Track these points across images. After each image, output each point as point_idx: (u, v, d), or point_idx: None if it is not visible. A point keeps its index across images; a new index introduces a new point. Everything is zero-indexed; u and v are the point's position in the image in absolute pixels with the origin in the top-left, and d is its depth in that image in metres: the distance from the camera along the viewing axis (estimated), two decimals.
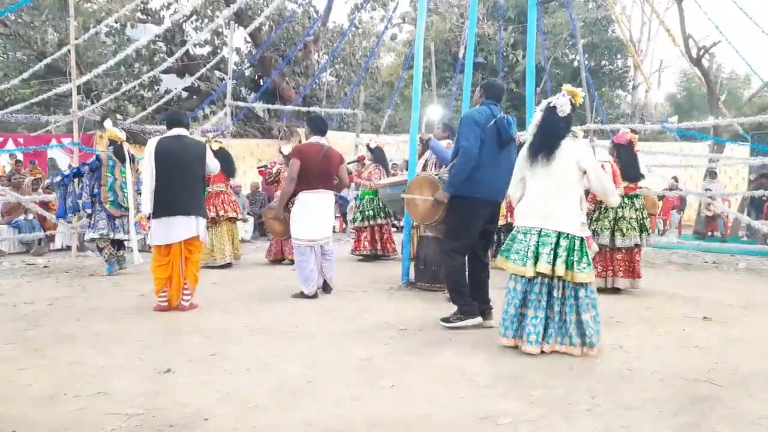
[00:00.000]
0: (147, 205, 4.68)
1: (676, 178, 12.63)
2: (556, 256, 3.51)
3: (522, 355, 3.57)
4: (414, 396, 2.91)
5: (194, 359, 3.47)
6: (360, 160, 8.64)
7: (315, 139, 5.29)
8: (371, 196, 8.03)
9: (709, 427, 2.57)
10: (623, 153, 5.81)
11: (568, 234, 3.54)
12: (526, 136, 6.35)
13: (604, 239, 5.70)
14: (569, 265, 3.52)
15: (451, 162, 4.28)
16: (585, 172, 3.59)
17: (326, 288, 5.57)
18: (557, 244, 3.52)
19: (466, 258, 4.31)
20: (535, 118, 3.71)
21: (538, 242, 3.54)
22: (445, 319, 4.30)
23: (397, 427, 2.55)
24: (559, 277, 3.54)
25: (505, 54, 17.25)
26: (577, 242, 3.56)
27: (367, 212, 8.03)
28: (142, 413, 2.66)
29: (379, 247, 8.04)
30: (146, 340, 3.87)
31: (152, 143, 4.73)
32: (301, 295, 5.29)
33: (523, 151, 3.72)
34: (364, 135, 13.56)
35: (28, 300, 5.18)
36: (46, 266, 7.39)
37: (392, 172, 9.23)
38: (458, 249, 4.24)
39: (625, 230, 5.69)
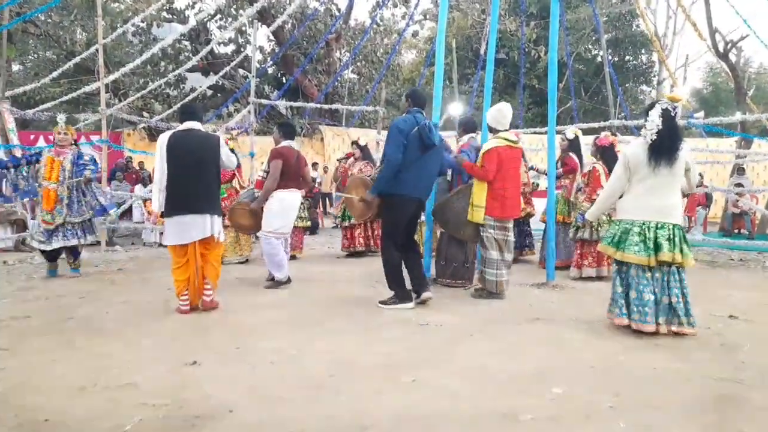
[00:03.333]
0: (156, 202, 4.53)
1: (701, 175, 12.40)
2: (673, 245, 3.91)
3: (544, 353, 3.58)
4: (435, 391, 2.93)
5: (219, 352, 3.54)
6: (349, 157, 8.60)
7: (288, 143, 5.76)
8: None
9: (735, 428, 2.54)
10: (607, 154, 6.24)
11: (679, 225, 4.01)
12: (567, 132, 6.42)
13: (604, 233, 5.99)
14: (683, 252, 3.93)
15: (380, 164, 4.97)
16: (687, 170, 4.04)
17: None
18: (673, 234, 3.94)
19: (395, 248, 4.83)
20: (651, 123, 3.92)
21: (656, 234, 3.92)
22: (383, 302, 4.83)
23: (418, 422, 2.58)
24: (668, 264, 3.94)
25: (527, 50, 17.10)
26: (683, 232, 4.05)
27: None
28: (168, 404, 2.73)
29: (372, 243, 7.96)
30: (173, 333, 3.96)
31: (163, 138, 4.52)
32: (275, 282, 5.63)
33: (634, 153, 3.98)
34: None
35: (60, 294, 5.31)
36: None
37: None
38: (393, 240, 4.82)
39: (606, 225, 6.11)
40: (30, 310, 4.60)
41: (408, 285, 4.88)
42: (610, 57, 18.36)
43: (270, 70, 18.31)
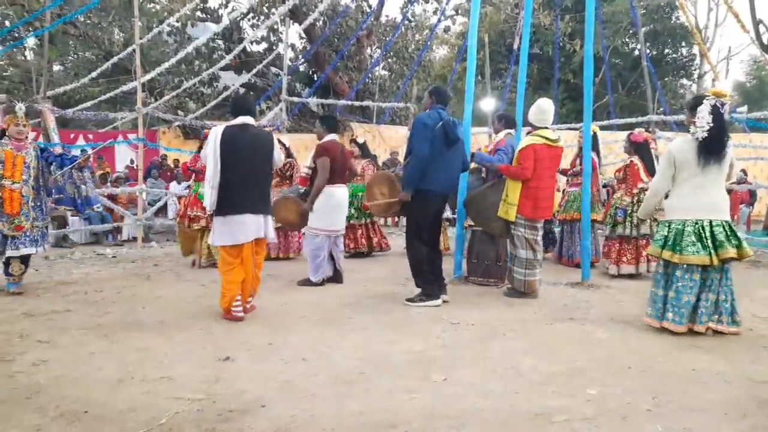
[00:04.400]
0: (210, 200, 4.21)
1: (744, 171, 12.02)
2: (730, 240, 3.85)
3: (578, 353, 3.51)
4: (467, 390, 2.90)
5: (252, 348, 3.58)
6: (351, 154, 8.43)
7: (332, 136, 5.64)
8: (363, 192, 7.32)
9: None
10: (642, 150, 6.25)
11: (728, 220, 3.95)
12: (592, 128, 6.26)
13: (645, 229, 6.11)
14: (741, 246, 3.89)
15: (405, 162, 4.85)
16: (730, 166, 4.03)
17: (338, 278, 5.72)
18: (728, 230, 3.90)
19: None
20: (702, 120, 3.84)
21: (713, 232, 3.84)
22: (410, 300, 4.81)
23: (450, 420, 2.56)
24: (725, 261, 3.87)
25: (561, 44, 16.80)
26: (732, 226, 3.99)
27: (352, 210, 7.42)
28: (203, 398, 2.77)
29: (374, 243, 7.80)
30: (207, 328, 4.02)
31: (216, 132, 4.23)
32: (308, 282, 5.54)
33: (680, 150, 3.90)
34: None
35: (97, 288, 5.46)
36: (114, 256, 7.76)
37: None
38: (419, 236, 4.81)
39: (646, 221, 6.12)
40: (69, 305, 4.73)
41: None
42: (648, 50, 17.90)
43: (301, 68, 18.42)
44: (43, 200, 5.36)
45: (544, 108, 5.14)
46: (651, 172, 6.19)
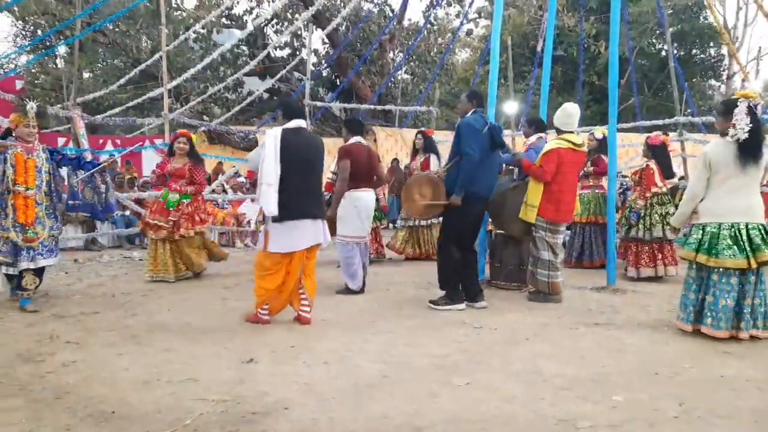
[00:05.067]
0: (272, 204, 3.94)
1: None
2: (766, 245, 3.80)
3: (604, 358, 3.46)
4: (490, 395, 2.88)
5: (275, 350, 3.60)
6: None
7: (356, 139, 5.48)
8: None
9: None
10: (659, 153, 6.31)
11: (764, 224, 3.91)
12: (595, 132, 6.26)
13: (657, 232, 6.14)
14: None
15: (448, 164, 4.84)
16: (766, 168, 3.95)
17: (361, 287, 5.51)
18: (766, 233, 3.85)
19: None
20: (741, 122, 3.77)
21: (750, 235, 3.80)
22: (434, 302, 4.80)
23: (473, 425, 2.54)
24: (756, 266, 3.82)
25: (586, 45, 16.62)
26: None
27: None
28: (227, 400, 2.80)
29: (382, 250, 7.53)
30: (231, 331, 4.06)
31: (274, 134, 4.06)
32: (347, 290, 5.40)
33: (716, 152, 3.84)
34: (439, 132, 13.50)
35: (124, 291, 5.56)
36: (140, 259, 7.89)
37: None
38: (455, 242, 4.77)
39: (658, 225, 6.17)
40: (98, 307, 4.83)
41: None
42: (675, 51, 17.60)
43: (324, 73, 18.55)
44: (56, 206, 4.96)
45: (570, 112, 5.12)
46: (667, 175, 6.39)
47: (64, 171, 5.38)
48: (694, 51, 21.59)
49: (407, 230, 7.60)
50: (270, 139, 4.03)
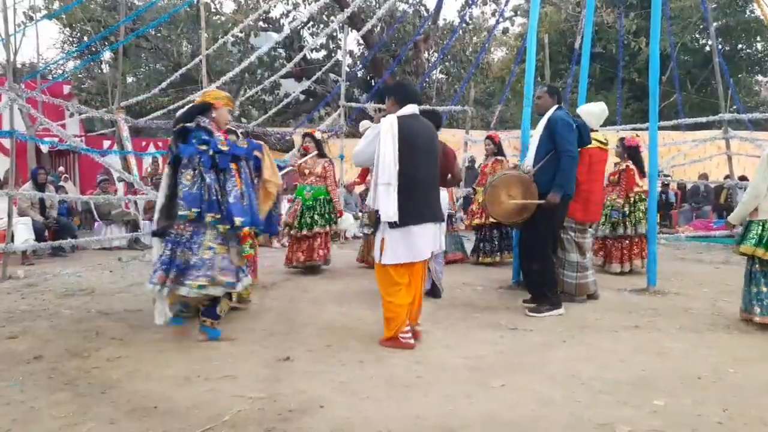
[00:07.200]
0: (392, 208, 3.39)
1: None
2: None
3: (644, 361, 3.39)
4: (526, 397, 2.85)
5: (312, 349, 3.65)
6: (307, 151, 6.58)
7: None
8: (325, 196, 6.43)
9: None
10: (634, 154, 6.63)
11: None
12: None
13: (641, 229, 6.44)
14: None
15: (540, 162, 4.52)
16: None
17: (436, 292, 5.15)
18: None
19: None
20: None
21: None
22: (535, 309, 4.57)
23: (508, 427, 2.53)
24: None
25: (625, 42, 16.24)
26: None
27: (315, 216, 6.33)
28: (264, 397, 2.85)
29: (321, 255, 6.46)
30: (269, 329, 4.13)
31: (392, 122, 3.43)
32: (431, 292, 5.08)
33: None
34: (474, 132, 13.43)
35: None
36: None
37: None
38: (551, 245, 4.69)
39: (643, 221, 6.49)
40: (141, 304, 4.95)
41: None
42: (720, 46, 17.05)
43: (359, 74, 18.64)
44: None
45: (594, 112, 5.14)
46: (643, 173, 6.64)
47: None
48: (739, 46, 20.87)
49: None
50: (386, 128, 3.41)
